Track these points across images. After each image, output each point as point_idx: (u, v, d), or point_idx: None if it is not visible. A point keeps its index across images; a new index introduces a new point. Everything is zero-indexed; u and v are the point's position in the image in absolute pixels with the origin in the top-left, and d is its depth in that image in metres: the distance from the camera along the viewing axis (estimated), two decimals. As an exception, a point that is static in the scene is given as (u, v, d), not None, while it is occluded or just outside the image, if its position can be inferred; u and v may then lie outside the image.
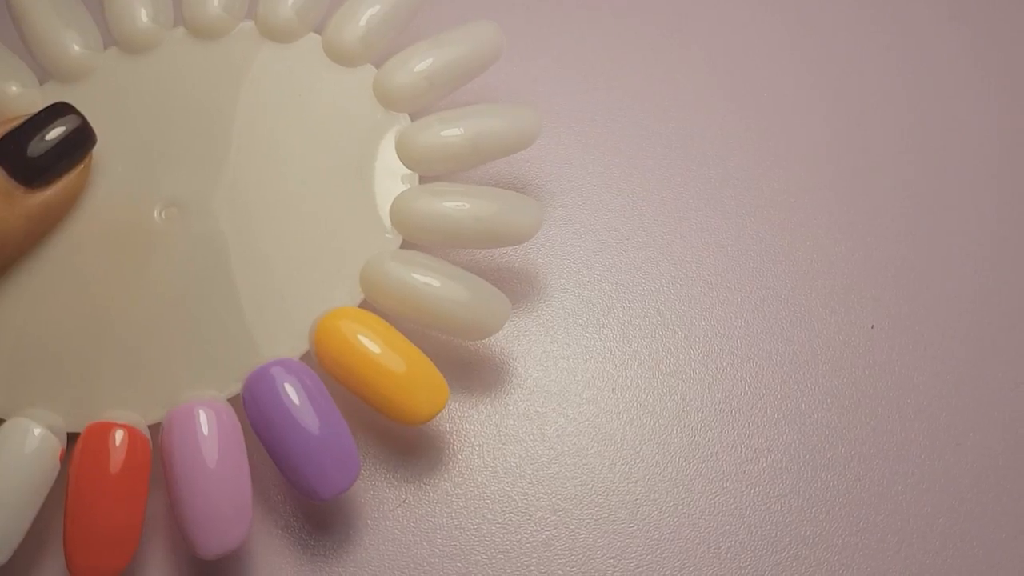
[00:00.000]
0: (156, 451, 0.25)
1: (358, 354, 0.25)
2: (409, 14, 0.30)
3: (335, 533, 0.26)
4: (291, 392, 0.24)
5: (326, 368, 0.25)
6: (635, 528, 0.27)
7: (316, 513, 0.27)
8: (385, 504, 0.27)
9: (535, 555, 0.26)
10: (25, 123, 0.26)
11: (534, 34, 0.34)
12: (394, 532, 0.27)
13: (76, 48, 0.29)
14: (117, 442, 0.24)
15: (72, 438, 0.25)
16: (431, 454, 0.27)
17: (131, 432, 0.24)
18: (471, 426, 0.28)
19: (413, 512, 0.27)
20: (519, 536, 0.27)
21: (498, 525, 0.27)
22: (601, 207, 0.31)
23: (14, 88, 0.29)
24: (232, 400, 0.25)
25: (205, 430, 0.24)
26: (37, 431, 0.24)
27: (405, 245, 0.27)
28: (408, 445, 0.28)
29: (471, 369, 0.29)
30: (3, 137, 0.26)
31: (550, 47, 0.34)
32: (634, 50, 0.34)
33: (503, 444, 0.28)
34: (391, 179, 0.28)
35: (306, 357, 0.26)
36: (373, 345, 0.25)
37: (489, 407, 0.28)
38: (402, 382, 0.24)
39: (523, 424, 0.28)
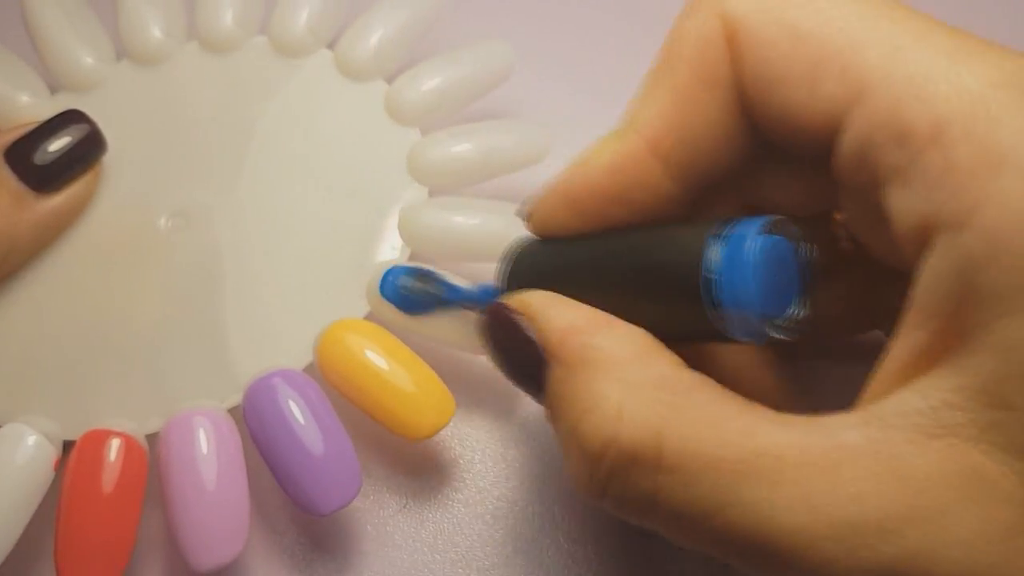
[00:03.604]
0: (153, 461, 0.22)
1: (361, 366, 0.21)
2: (420, 31, 0.27)
3: (336, 539, 0.23)
4: (292, 404, 0.21)
5: (329, 380, 0.22)
6: (641, 531, 0.23)
7: (316, 520, 0.23)
8: (386, 509, 0.23)
9: (538, 560, 0.23)
10: (36, 128, 0.23)
11: (544, 49, 0.30)
12: (395, 538, 0.23)
13: (88, 60, 0.26)
14: (113, 451, 0.20)
15: (69, 446, 0.21)
16: (433, 458, 0.24)
17: (127, 441, 0.21)
18: (473, 430, 0.24)
19: (415, 517, 0.23)
20: (521, 542, 0.23)
21: (500, 530, 0.23)
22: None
23: (25, 98, 0.25)
24: (234, 411, 0.22)
25: (203, 441, 0.20)
26: (32, 438, 0.21)
27: (413, 258, 0.24)
28: (410, 449, 0.24)
29: (474, 372, 0.25)
30: (15, 142, 0.23)
31: (559, 62, 0.30)
32: (646, 62, 0.30)
33: (505, 449, 0.24)
34: (400, 193, 0.25)
35: (309, 368, 0.22)
36: (377, 357, 0.21)
37: (491, 410, 0.25)
38: (406, 395, 0.21)
39: (525, 427, 0.25)
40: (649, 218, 0.17)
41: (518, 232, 0.24)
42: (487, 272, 0.26)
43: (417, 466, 0.24)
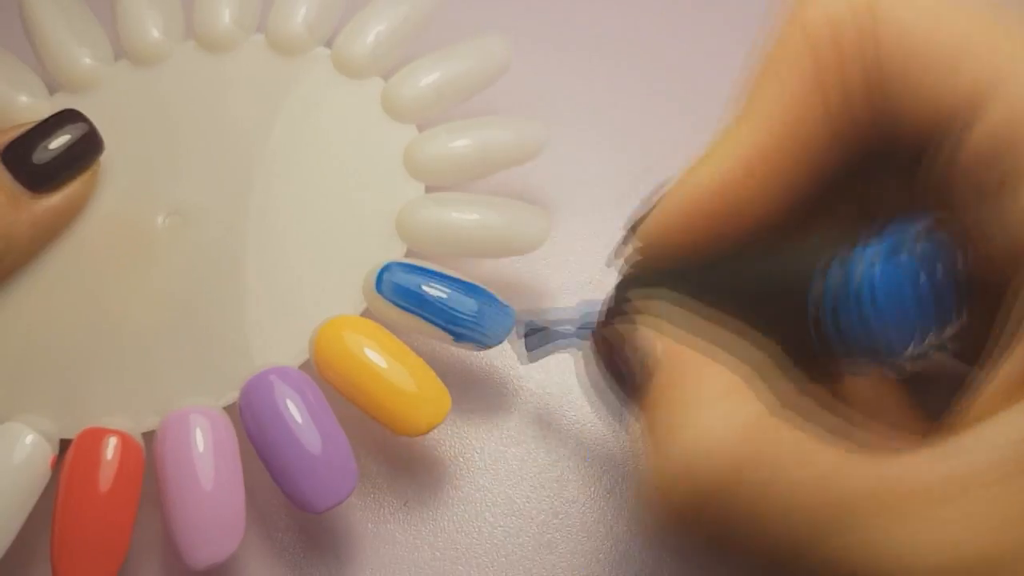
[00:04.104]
0: (149, 459, 0.21)
1: (357, 363, 0.21)
2: (417, 28, 0.26)
3: (336, 538, 0.23)
4: (288, 401, 0.20)
5: (325, 377, 0.21)
6: (638, 532, 0.23)
7: (315, 518, 0.23)
8: (386, 507, 0.23)
9: (538, 559, 0.23)
10: (33, 128, 0.23)
11: (541, 43, 0.30)
12: (395, 536, 0.23)
13: (86, 60, 0.26)
14: (109, 449, 0.20)
15: (65, 444, 0.21)
16: (433, 457, 0.24)
17: (124, 439, 0.20)
18: (473, 429, 0.24)
19: (414, 515, 0.23)
20: (521, 540, 0.23)
21: (500, 528, 0.23)
22: (606, 213, 0.27)
23: (23, 98, 0.25)
24: (230, 408, 0.22)
25: (199, 439, 0.20)
26: (29, 437, 0.20)
27: (410, 255, 0.23)
28: (409, 448, 0.24)
29: (473, 371, 0.25)
30: (11, 142, 0.23)
31: (558, 56, 0.30)
32: (641, 57, 0.30)
33: (505, 447, 0.24)
34: (397, 189, 0.24)
35: (306, 366, 0.22)
36: (373, 354, 0.21)
37: (491, 409, 0.24)
38: (401, 392, 0.21)
39: (525, 426, 0.24)
40: (763, 232, 0.16)
41: (515, 229, 0.24)
42: (485, 268, 0.26)
43: (417, 465, 0.23)
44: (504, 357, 0.25)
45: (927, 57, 0.14)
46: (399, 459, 0.23)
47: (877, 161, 0.16)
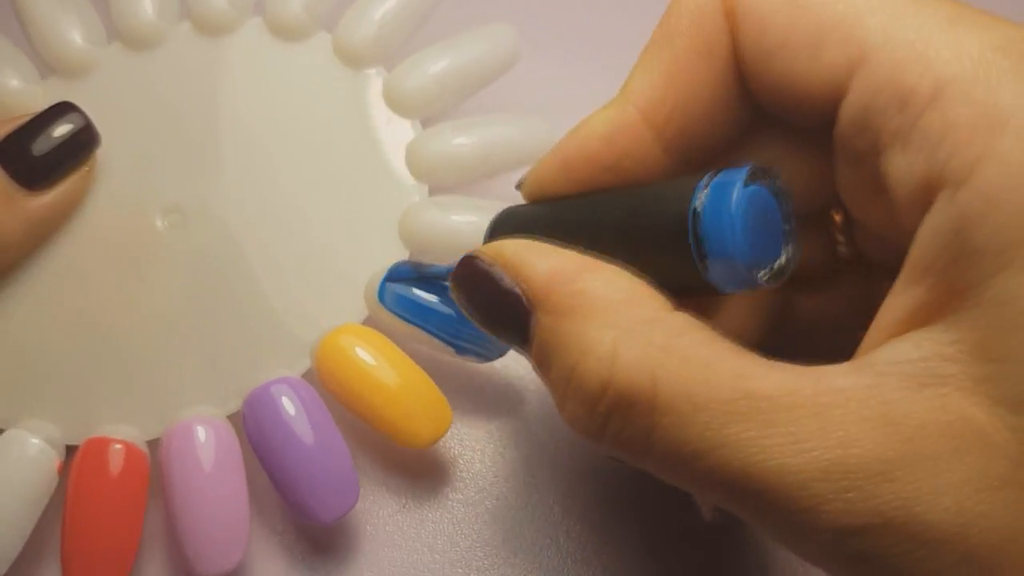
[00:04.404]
0: (155, 467, 0.21)
1: (360, 374, 0.21)
2: (424, 13, 0.26)
3: (335, 539, 0.23)
4: (292, 413, 0.20)
5: (327, 387, 0.21)
6: (640, 530, 0.23)
7: (317, 523, 0.23)
8: (385, 510, 0.23)
9: (537, 559, 0.23)
10: (27, 123, 0.22)
11: (548, 41, 0.29)
12: (394, 538, 0.23)
13: (79, 42, 0.25)
14: (115, 459, 0.20)
15: (71, 450, 0.21)
16: (432, 459, 0.24)
17: (129, 448, 0.20)
18: (472, 430, 0.24)
19: (414, 517, 0.23)
20: (521, 540, 0.23)
21: (500, 530, 0.23)
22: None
23: (15, 83, 0.24)
24: (233, 417, 0.22)
25: (203, 448, 0.20)
26: (35, 442, 0.21)
27: (413, 259, 0.23)
28: (409, 450, 0.24)
29: (472, 373, 0.25)
30: (5, 138, 0.22)
31: (564, 53, 0.29)
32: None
33: (504, 448, 0.24)
34: (400, 190, 0.24)
35: (308, 374, 0.22)
36: (375, 367, 0.21)
37: (490, 411, 0.24)
38: (405, 405, 0.21)
39: (524, 427, 0.24)
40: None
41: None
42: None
43: (416, 466, 0.24)
44: (505, 360, 0.25)
45: (787, 49, 0.15)
46: (399, 461, 0.24)
47: (762, 131, 0.17)
